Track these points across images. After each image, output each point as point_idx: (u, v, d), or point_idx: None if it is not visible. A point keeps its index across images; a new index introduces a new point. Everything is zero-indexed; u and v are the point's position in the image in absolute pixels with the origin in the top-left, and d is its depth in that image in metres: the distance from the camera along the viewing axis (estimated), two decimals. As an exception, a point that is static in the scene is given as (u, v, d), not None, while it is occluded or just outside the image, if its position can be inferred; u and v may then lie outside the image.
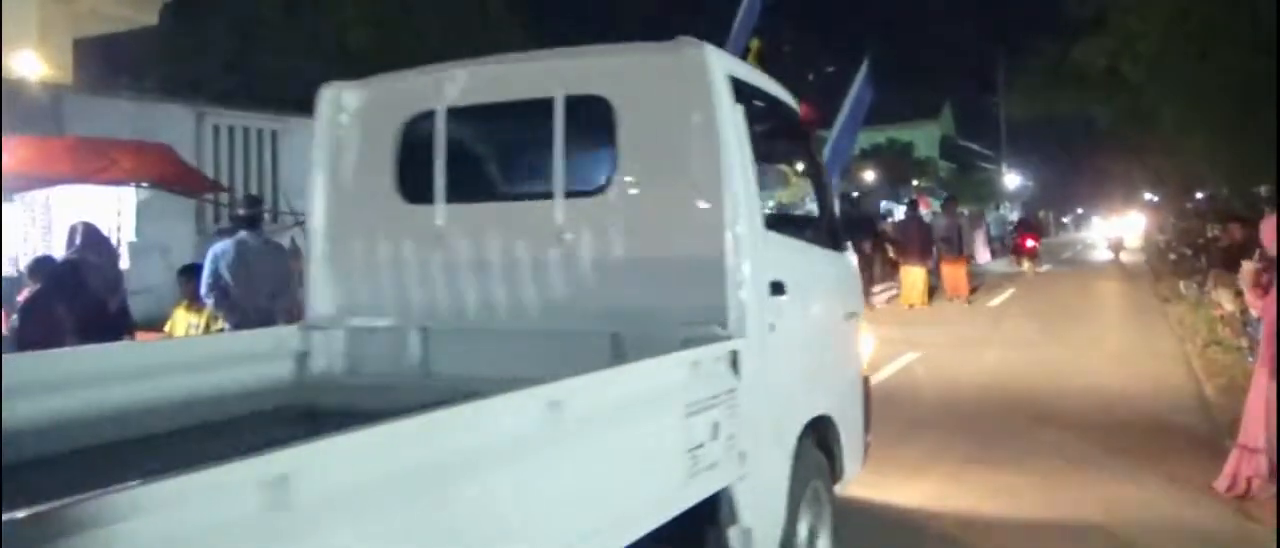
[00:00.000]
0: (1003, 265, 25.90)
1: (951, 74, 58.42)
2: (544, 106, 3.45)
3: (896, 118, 47.97)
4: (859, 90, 20.70)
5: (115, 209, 6.28)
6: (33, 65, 11.06)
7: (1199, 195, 21.96)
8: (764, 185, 3.59)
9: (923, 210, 22.25)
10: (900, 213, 24.06)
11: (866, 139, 44.89)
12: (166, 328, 6.81)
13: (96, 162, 6.27)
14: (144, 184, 6.59)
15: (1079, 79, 18.22)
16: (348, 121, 3.85)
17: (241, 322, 6.23)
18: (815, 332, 3.95)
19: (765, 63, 15.84)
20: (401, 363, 3.70)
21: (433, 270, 3.66)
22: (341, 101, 3.84)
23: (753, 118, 3.42)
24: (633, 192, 3.40)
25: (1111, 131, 21.20)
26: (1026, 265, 23.54)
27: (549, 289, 3.50)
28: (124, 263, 6.74)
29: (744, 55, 16.13)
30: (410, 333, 3.69)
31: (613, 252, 3.41)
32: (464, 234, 3.61)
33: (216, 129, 13.08)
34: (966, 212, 25.61)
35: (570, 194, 3.45)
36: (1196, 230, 18.79)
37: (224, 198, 11.37)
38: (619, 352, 3.21)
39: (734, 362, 3.02)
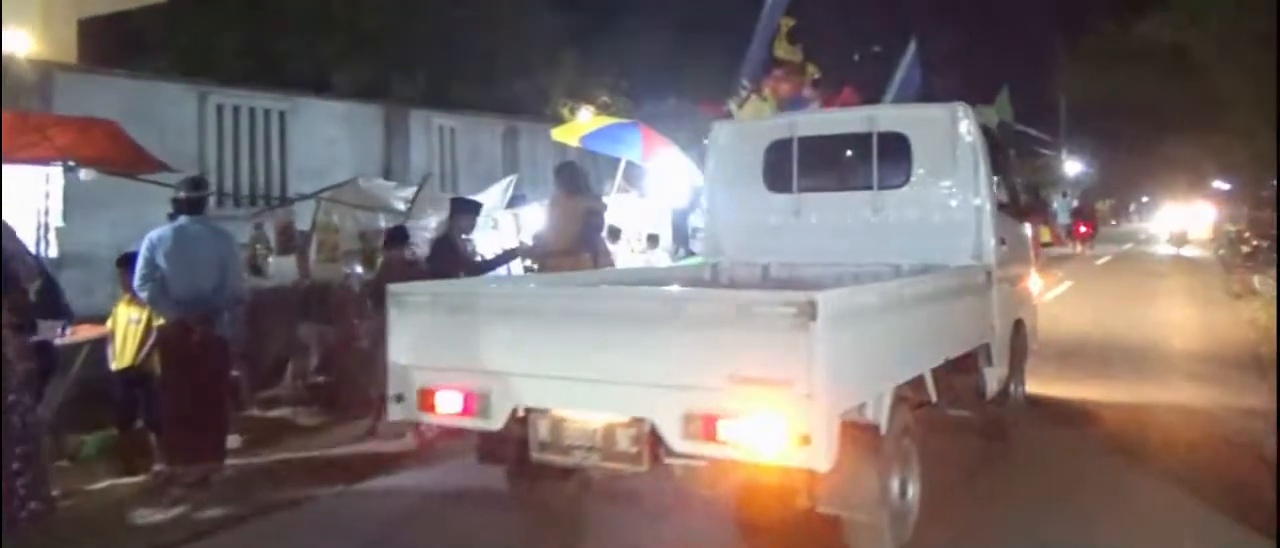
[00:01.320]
0: (1062, 249, 28.28)
1: (1009, 56, 56.28)
2: (865, 137, 5.96)
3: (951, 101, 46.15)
4: (906, 73, 19.67)
5: (43, 190, 5.74)
6: (24, 42, 10.62)
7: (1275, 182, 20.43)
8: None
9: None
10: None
11: (919, 124, 43.58)
12: (108, 324, 6.22)
13: (25, 137, 5.70)
14: (71, 163, 6.02)
15: (1142, 57, 16.97)
16: (728, 143, 6.49)
17: (182, 316, 5.64)
18: (1015, 269, 6.48)
19: (796, 41, 14.99)
20: (765, 284, 6.02)
21: (788, 232, 6.14)
22: (726, 131, 6.62)
23: (989, 143, 5.89)
24: (922, 186, 5.85)
25: (1178, 114, 19.82)
26: (1080, 248, 27.67)
27: (865, 243, 5.85)
28: (52, 250, 6.18)
29: (775, 34, 15.30)
30: (772, 267, 6.15)
31: (909, 220, 5.83)
32: (810, 211, 6.10)
33: (221, 109, 12.61)
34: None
35: (881, 188, 5.91)
36: (1273, 220, 17.41)
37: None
38: None
39: (988, 277, 5.60)
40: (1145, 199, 63.47)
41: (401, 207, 8.33)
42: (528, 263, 8.78)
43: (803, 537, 4.27)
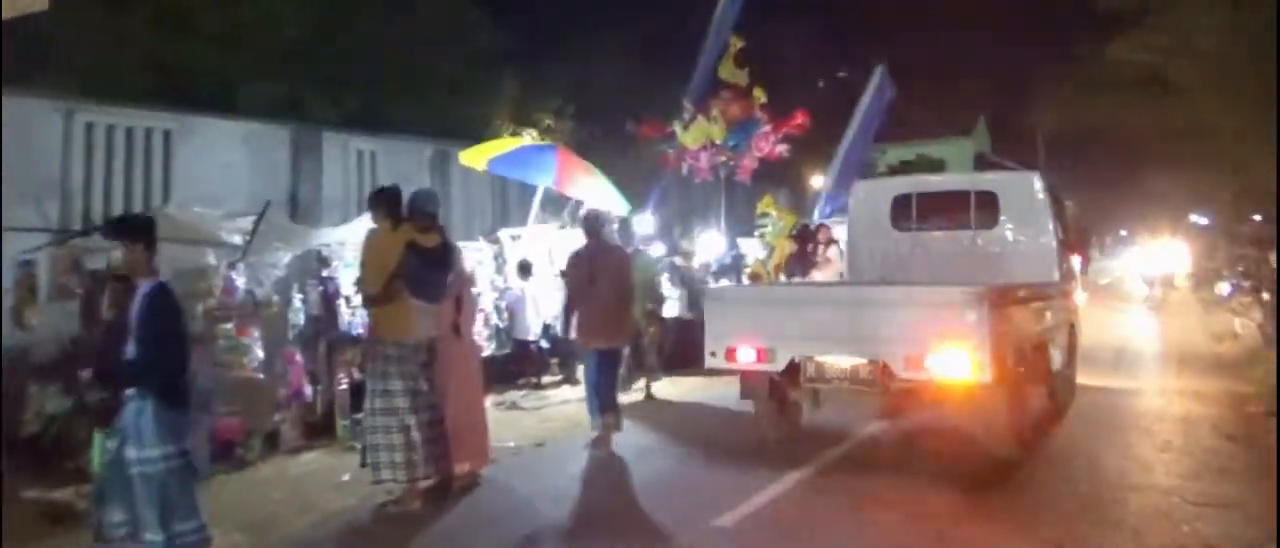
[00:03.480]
0: None
1: (987, 87, 55.54)
2: (965, 195, 8.68)
3: (928, 134, 45.61)
4: (872, 98, 18.55)
5: None
6: None
7: (1256, 217, 19.28)
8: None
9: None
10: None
11: (895, 155, 42.33)
12: None
13: None
14: None
15: (1117, 83, 15.88)
16: (866, 196, 9.34)
17: None
18: (1069, 288, 9.02)
19: (742, 63, 13.86)
20: None
21: (908, 259, 8.55)
22: (864, 188, 9.64)
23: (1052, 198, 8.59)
24: (1007, 229, 8.40)
25: (1156, 144, 18.73)
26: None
27: (964, 267, 8.07)
28: None
29: (722, 53, 14.16)
30: (900, 282, 7.97)
31: (996, 252, 8.36)
32: (925, 245, 8.65)
33: (91, 128, 11.28)
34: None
35: (976, 229, 8.47)
36: (1256, 257, 16.23)
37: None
38: None
39: (1056, 294, 8.21)
40: (1124, 232, 62.72)
41: (236, 240, 7.02)
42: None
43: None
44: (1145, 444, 7.40)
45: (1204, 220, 27.71)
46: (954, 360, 5.97)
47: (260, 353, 6.99)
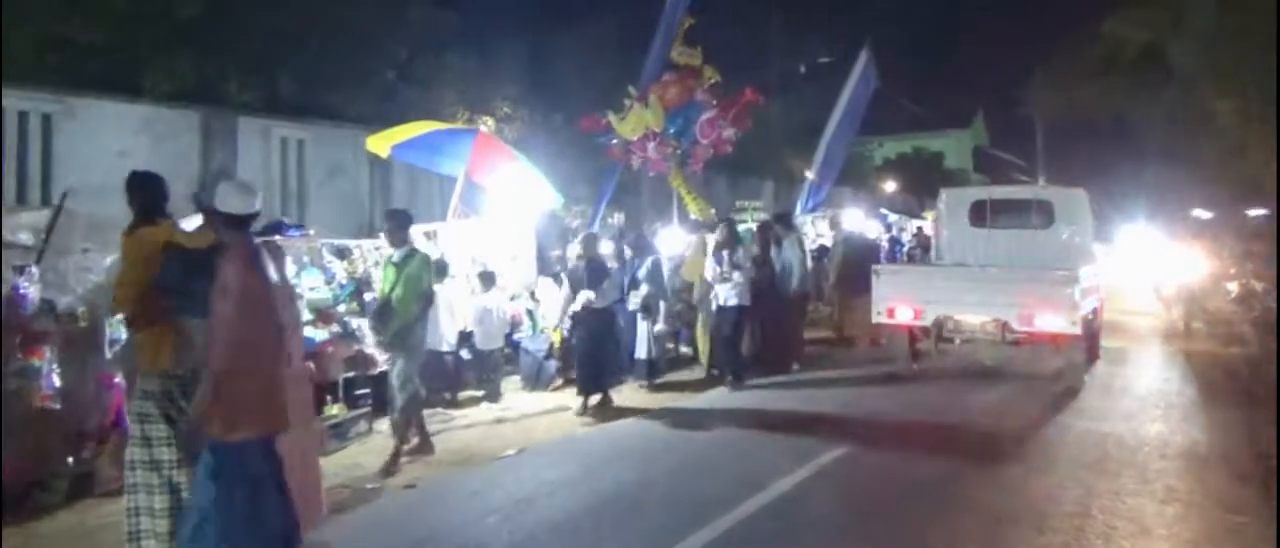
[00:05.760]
0: None
1: (986, 80, 54.07)
2: (1029, 202, 11.69)
3: (925, 126, 44.55)
4: (856, 84, 17.46)
5: None
6: None
7: (1261, 212, 17.93)
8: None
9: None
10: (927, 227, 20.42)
11: (892, 148, 41.13)
12: None
13: None
14: None
15: (1113, 65, 14.60)
16: (951, 200, 12.31)
17: None
18: (1097, 275, 11.26)
19: (696, 44, 12.68)
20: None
21: (983, 249, 11.44)
22: (949, 194, 12.57)
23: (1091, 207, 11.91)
24: (1059, 228, 11.31)
25: (1154, 132, 17.44)
26: None
27: (1025, 255, 10.95)
28: None
29: (674, 32, 12.95)
30: (973, 267, 10.95)
31: (1050, 244, 11.16)
32: (998, 239, 11.47)
33: (-52, 110, 10.03)
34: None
35: (1036, 227, 11.36)
36: (1262, 255, 14.92)
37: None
38: None
39: (1098, 277, 11.47)
40: (1123, 226, 61.15)
41: (26, 240, 5.78)
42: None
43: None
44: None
45: (1208, 214, 26.15)
46: (1053, 318, 9.06)
47: (56, 378, 5.73)
